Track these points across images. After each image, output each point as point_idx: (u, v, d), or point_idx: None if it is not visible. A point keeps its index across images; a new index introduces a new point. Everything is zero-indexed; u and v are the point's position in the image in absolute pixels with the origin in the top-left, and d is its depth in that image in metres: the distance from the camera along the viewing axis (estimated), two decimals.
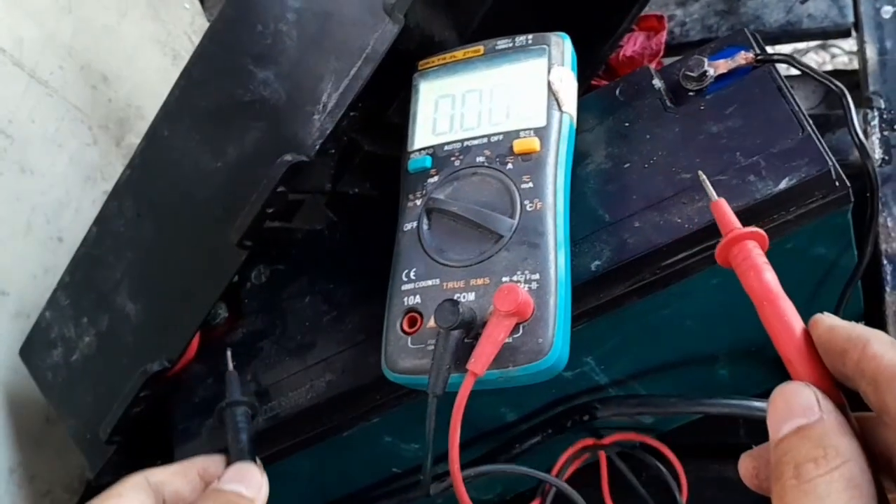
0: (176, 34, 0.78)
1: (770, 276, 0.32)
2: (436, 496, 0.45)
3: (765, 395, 0.51)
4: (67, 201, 0.65)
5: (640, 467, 0.61)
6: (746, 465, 0.32)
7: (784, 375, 0.57)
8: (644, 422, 0.60)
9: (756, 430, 0.65)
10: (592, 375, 0.51)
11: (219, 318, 0.50)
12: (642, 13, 0.64)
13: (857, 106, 0.46)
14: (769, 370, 0.58)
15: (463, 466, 0.38)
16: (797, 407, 0.28)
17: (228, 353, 0.47)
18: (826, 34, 0.67)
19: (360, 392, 0.46)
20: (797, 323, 0.31)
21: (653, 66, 0.63)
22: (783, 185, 0.40)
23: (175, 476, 0.41)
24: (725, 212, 0.35)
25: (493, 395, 0.43)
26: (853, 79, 0.61)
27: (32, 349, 0.54)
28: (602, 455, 0.61)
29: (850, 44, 1.14)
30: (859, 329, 0.29)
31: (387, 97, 0.49)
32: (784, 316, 0.31)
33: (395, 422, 0.49)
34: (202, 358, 0.50)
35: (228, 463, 0.43)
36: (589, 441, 0.59)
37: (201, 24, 0.83)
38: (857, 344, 0.28)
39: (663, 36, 0.64)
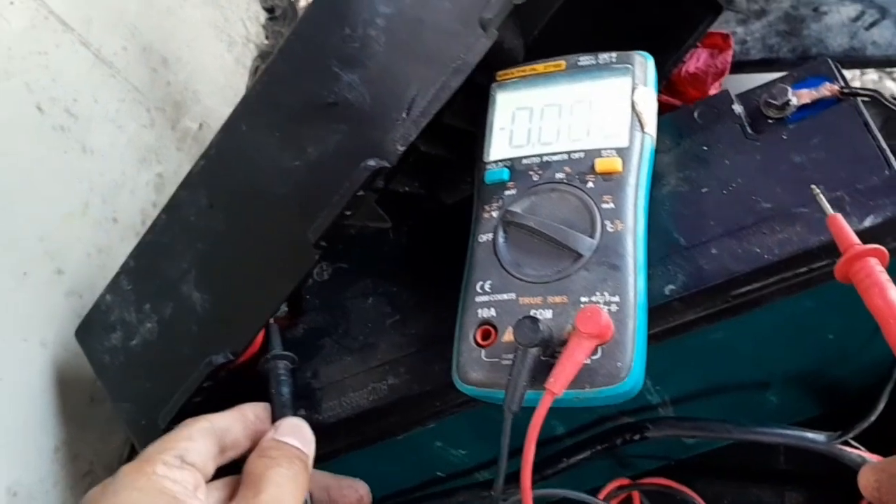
0: (232, 20, 0.78)
1: (895, 294, 0.32)
2: None
3: (808, 422, 0.51)
4: (123, 182, 0.65)
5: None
6: (868, 478, 0.33)
7: (832, 401, 0.57)
8: (687, 442, 0.60)
9: (796, 458, 0.65)
10: (646, 394, 0.51)
11: (280, 313, 0.50)
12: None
13: None
14: (816, 398, 0.58)
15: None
16: None
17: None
18: (890, 62, 0.67)
19: (422, 398, 0.46)
20: None
21: (716, 85, 0.63)
22: (867, 222, 0.40)
23: (235, 422, 0.42)
24: (843, 226, 0.35)
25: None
26: None
27: (89, 331, 0.54)
28: (636, 495, 0.61)
29: None
30: None
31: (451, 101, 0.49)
32: None
33: (448, 428, 0.49)
34: None
35: (273, 413, 0.44)
36: (625, 481, 0.60)
37: (256, 11, 0.83)
38: None
39: (729, 55, 0.63)
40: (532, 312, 0.40)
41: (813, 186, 0.38)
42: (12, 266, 0.55)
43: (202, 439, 0.40)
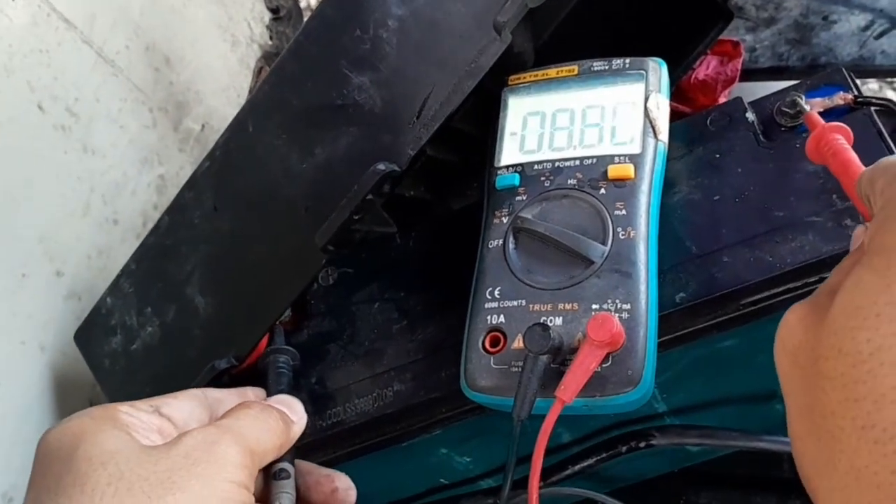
0: (237, 20, 0.78)
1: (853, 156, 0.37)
2: None
3: None
4: (124, 183, 0.64)
5: None
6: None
7: None
8: (691, 450, 0.60)
9: None
10: (653, 402, 0.51)
11: (284, 316, 0.50)
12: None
13: None
14: None
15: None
16: None
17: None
18: None
19: (429, 405, 0.46)
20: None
21: (726, 93, 0.63)
22: None
23: (231, 396, 0.41)
24: (817, 119, 0.40)
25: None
26: None
27: (89, 334, 0.54)
28: None
29: None
30: None
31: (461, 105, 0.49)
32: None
33: (454, 435, 0.49)
34: None
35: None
36: None
37: (261, 11, 0.83)
38: None
39: (739, 63, 0.63)
40: (542, 319, 0.40)
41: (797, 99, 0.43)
42: (12, 267, 0.55)
43: (187, 400, 0.38)
